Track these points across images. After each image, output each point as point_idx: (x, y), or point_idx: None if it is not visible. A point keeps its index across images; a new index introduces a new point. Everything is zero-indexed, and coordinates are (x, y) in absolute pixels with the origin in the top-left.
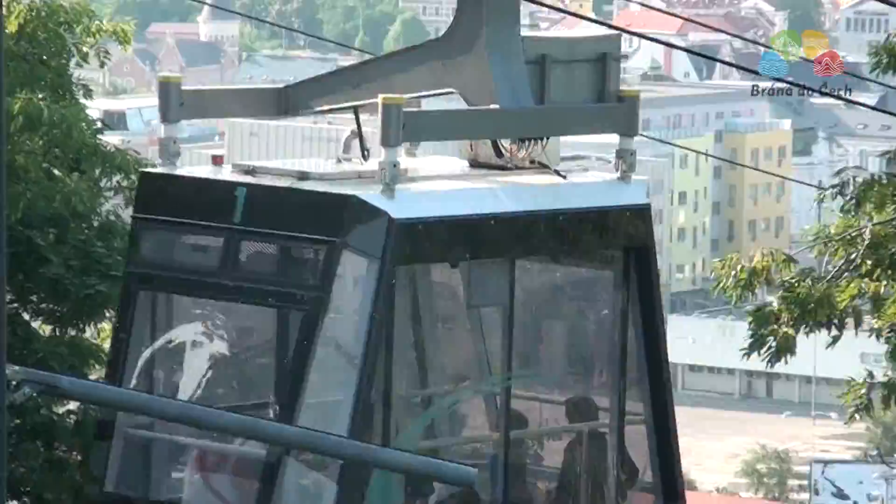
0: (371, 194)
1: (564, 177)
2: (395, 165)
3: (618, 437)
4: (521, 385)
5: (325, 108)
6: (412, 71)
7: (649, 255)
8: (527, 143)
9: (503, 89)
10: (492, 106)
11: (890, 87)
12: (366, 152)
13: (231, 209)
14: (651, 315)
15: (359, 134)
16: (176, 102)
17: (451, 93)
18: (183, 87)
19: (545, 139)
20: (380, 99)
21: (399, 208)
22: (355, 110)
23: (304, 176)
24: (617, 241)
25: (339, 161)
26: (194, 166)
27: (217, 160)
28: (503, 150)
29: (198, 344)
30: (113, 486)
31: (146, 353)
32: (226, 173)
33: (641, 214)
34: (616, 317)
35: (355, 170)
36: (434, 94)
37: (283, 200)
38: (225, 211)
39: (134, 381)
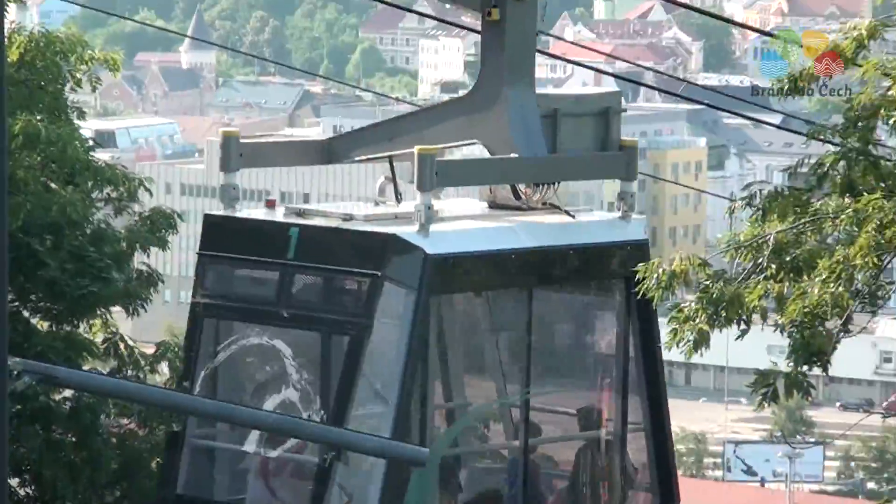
0: (408, 233)
1: (573, 216)
2: (429, 208)
3: (621, 443)
4: (537, 399)
5: (364, 157)
6: (441, 125)
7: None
8: (541, 186)
9: (521, 140)
10: (511, 155)
11: (786, 113)
12: (399, 196)
13: (285, 247)
14: (649, 335)
15: (393, 180)
16: (236, 154)
17: (475, 143)
18: (241, 140)
19: (557, 183)
20: (416, 150)
21: (432, 245)
22: (390, 160)
23: (348, 217)
24: (619, 271)
25: (376, 203)
26: (251, 209)
27: (270, 203)
28: (520, 193)
29: (255, 364)
30: (183, 488)
31: (211, 371)
32: (279, 215)
33: (640, 248)
34: (619, 337)
35: (392, 211)
36: (460, 145)
37: (331, 239)
38: (280, 248)
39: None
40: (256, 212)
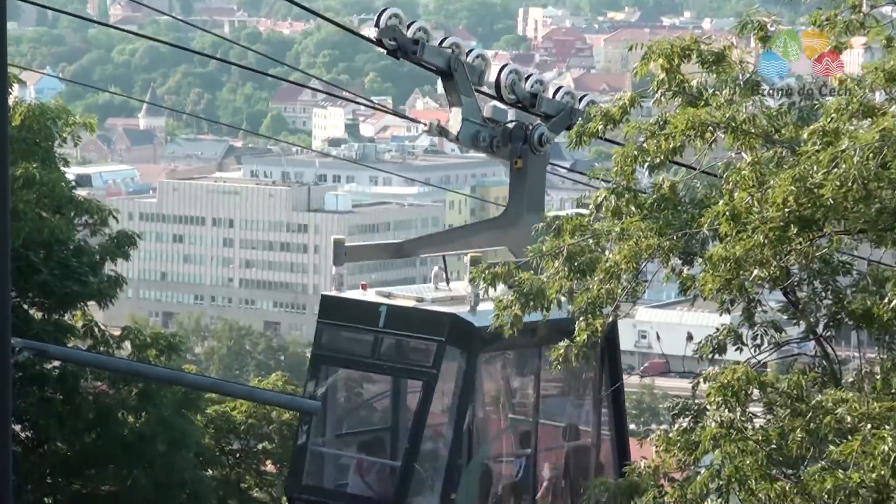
0: (463, 312)
1: None
2: (477, 296)
3: (595, 450)
4: (545, 422)
5: (428, 254)
6: (480, 235)
7: (615, 339)
8: None
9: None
10: None
11: (558, 167)
12: (447, 283)
13: (377, 319)
14: (616, 372)
15: (445, 272)
16: (342, 253)
17: (503, 248)
18: (347, 245)
19: None
20: (468, 256)
21: (478, 320)
22: (443, 258)
23: (420, 299)
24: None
25: (436, 288)
26: (349, 291)
27: (363, 286)
28: None
29: (355, 395)
30: (305, 480)
31: (328, 404)
32: (371, 296)
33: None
34: (598, 374)
35: (448, 295)
36: (492, 249)
37: (409, 314)
38: (373, 320)
39: (321, 423)
40: (356, 293)
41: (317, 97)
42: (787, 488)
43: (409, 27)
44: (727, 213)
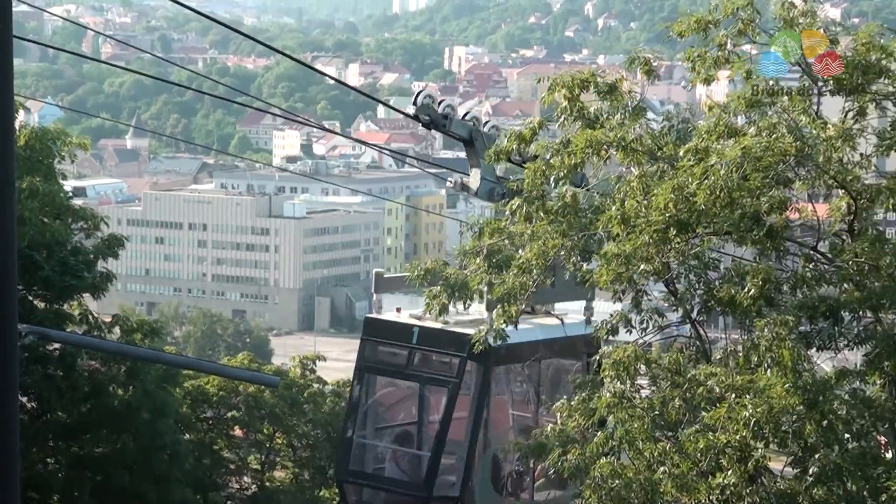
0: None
1: (562, 320)
2: (492, 327)
3: None
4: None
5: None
6: None
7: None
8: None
9: None
10: None
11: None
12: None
13: (410, 337)
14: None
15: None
16: (381, 284)
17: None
18: (384, 276)
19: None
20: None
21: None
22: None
23: (446, 322)
24: (583, 350)
25: (457, 312)
26: (386, 313)
27: (398, 310)
28: (533, 309)
29: (392, 399)
30: (351, 465)
31: (366, 402)
32: (405, 318)
33: (593, 340)
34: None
35: (468, 318)
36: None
37: (437, 334)
38: (407, 338)
39: (364, 420)
40: (392, 315)
41: (276, 121)
42: (667, 448)
43: (439, 104)
44: (619, 217)
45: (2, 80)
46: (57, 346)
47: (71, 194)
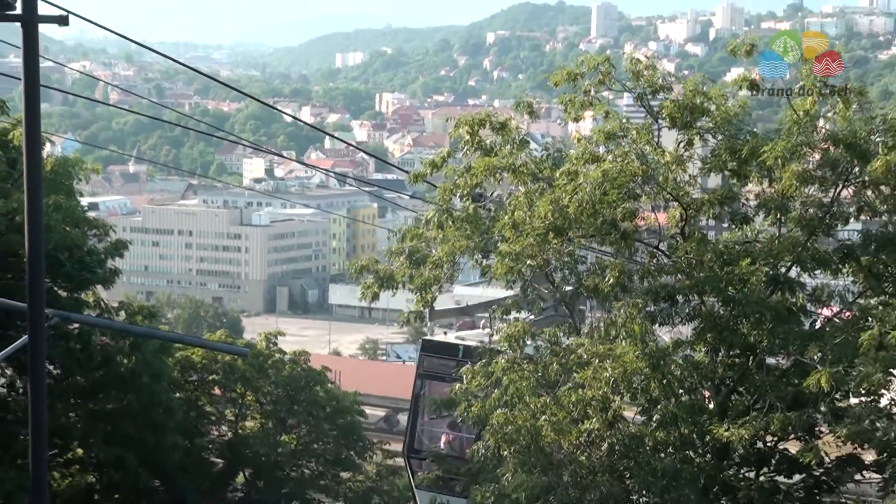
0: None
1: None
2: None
3: None
4: None
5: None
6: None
7: None
8: None
9: None
10: None
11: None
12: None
13: (457, 353)
14: None
15: (491, 323)
16: (434, 315)
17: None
18: (436, 308)
19: None
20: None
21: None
22: (491, 312)
23: (481, 341)
24: None
25: (490, 333)
26: (437, 335)
27: (445, 333)
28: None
29: (445, 397)
30: (416, 445)
31: (427, 401)
32: (451, 339)
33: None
34: None
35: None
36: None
37: (476, 350)
38: (454, 353)
39: (424, 412)
40: (442, 336)
41: (245, 151)
42: (547, 401)
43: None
44: (510, 224)
45: (31, 120)
46: (76, 325)
47: (86, 208)
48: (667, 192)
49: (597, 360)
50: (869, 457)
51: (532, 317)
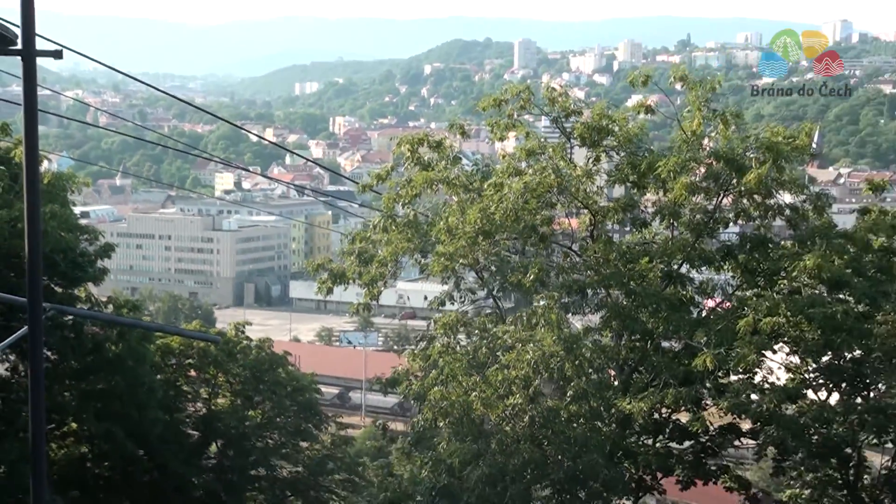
0: None
1: None
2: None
3: None
4: None
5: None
6: None
7: None
8: None
9: None
10: None
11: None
12: None
13: None
14: None
15: None
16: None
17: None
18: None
19: None
20: None
21: None
22: None
23: None
24: None
25: None
26: None
27: None
28: None
29: None
30: None
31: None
32: None
33: None
34: None
35: None
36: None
37: None
38: None
39: None
40: None
41: (217, 167)
42: (477, 380)
43: None
44: (445, 228)
45: (30, 141)
46: (70, 317)
47: (78, 216)
48: (578, 201)
49: (520, 345)
50: (746, 425)
51: (463, 307)
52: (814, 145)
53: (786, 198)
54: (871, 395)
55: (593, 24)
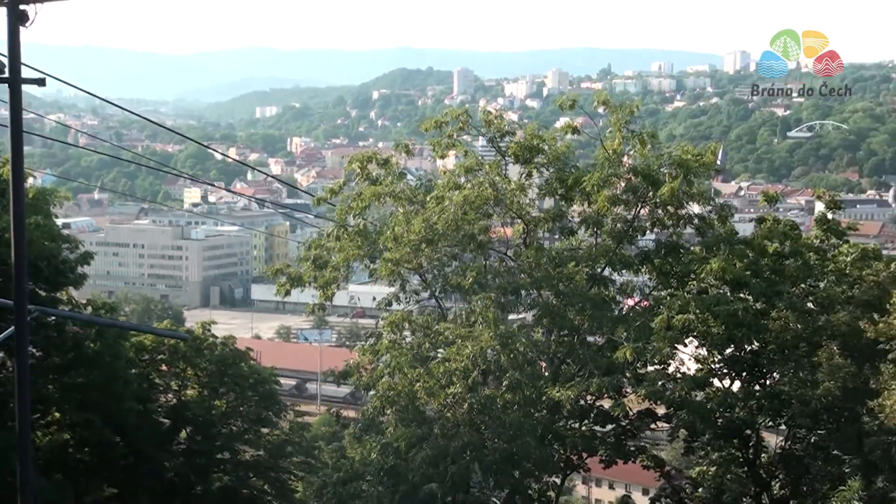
0: None
1: None
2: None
3: None
4: None
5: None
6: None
7: None
8: None
9: None
10: None
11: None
12: None
13: None
14: None
15: None
16: None
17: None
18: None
19: None
20: None
21: None
22: None
23: None
24: None
25: None
26: None
27: None
28: None
29: None
30: None
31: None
32: None
33: None
34: None
35: None
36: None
37: None
38: None
39: None
40: None
41: (186, 182)
42: (421, 372)
43: None
44: (392, 236)
45: (17, 159)
46: (53, 318)
47: (60, 227)
48: (512, 212)
49: (460, 340)
50: (661, 410)
51: (409, 307)
52: (718, 162)
53: (694, 208)
54: (768, 382)
55: (525, 55)
